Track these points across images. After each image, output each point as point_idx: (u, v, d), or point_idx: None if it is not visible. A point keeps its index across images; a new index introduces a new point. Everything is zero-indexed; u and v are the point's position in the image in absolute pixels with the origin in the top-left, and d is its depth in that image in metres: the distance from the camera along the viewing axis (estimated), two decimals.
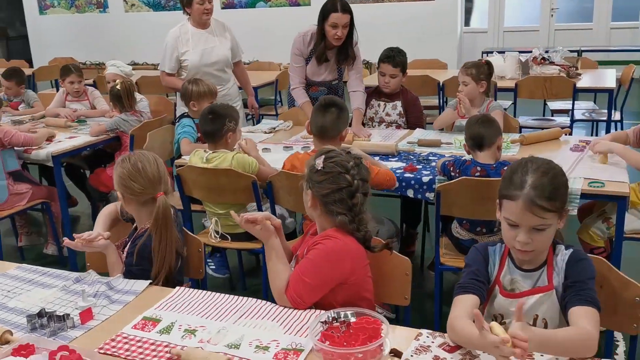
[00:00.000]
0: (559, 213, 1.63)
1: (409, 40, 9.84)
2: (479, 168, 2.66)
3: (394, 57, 3.78)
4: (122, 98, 4.06)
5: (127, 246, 2.12)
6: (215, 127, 3.02)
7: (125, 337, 1.66)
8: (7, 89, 4.96)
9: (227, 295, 1.87)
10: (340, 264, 1.79)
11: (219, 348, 1.59)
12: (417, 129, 3.76)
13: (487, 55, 6.29)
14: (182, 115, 3.70)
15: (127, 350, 1.60)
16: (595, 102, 5.85)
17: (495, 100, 4.95)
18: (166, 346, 1.60)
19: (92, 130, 4.03)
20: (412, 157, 3.17)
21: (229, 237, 3.03)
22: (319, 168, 1.85)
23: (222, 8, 10.93)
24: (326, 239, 1.82)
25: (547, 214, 1.58)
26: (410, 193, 2.89)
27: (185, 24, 4.16)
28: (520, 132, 3.69)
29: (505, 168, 2.52)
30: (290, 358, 1.53)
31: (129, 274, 2.04)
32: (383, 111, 3.87)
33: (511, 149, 3.21)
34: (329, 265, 1.79)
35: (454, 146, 3.30)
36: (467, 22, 10.18)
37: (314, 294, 1.78)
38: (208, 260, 3.66)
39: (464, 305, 1.63)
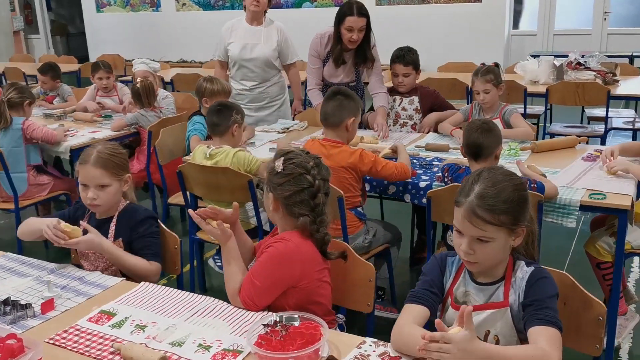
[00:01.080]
0: (507, 228, 1.54)
1: (454, 42, 9.71)
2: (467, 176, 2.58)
3: (403, 56, 3.73)
4: (141, 95, 4.15)
5: (113, 229, 2.15)
6: (222, 118, 3.06)
7: (77, 330, 1.69)
8: (43, 83, 5.17)
9: (187, 293, 1.88)
10: (290, 268, 1.77)
11: (163, 345, 1.60)
12: (430, 132, 3.69)
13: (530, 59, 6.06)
14: (195, 113, 3.75)
15: (75, 342, 1.63)
16: (636, 111, 5.59)
17: (526, 106, 4.87)
18: (113, 340, 1.62)
19: (113, 125, 4.15)
20: (415, 161, 3.11)
21: None
22: (279, 170, 1.84)
23: (270, 8, 11.01)
24: (279, 241, 1.81)
25: (487, 226, 1.52)
26: (407, 198, 2.85)
27: (241, 18, 4.29)
28: (543, 138, 3.58)
29: None
30: (227, 359, 1.53)
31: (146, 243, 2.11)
32: (399, 106, 3.82)
33: (521, 156, 3.10)
34: (278, 268, 1.77)
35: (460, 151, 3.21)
36: (515, 25, 9.91)
37: (265, 296, 1.77)
38: (215, 257, 3.70)
39: (411, 315, 1.60)
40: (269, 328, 1.56)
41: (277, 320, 1.57)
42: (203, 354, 1.55)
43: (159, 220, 2.20)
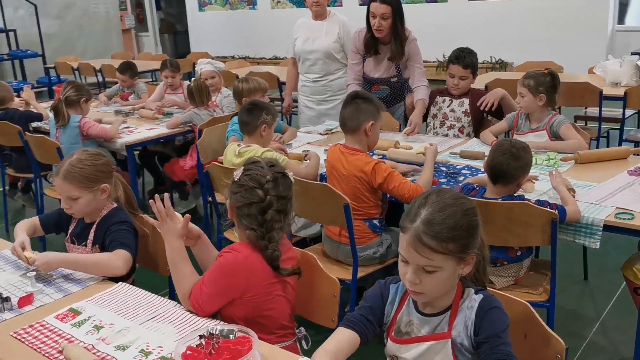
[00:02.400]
0: (456, 257, 1.42)
1: (550, 37, 9.18)
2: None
3: (463, 57, 3.56)
4: (194, 94, 4.27)
5: (92, 235, 2.21)
6: (252, 117, 3.09)
7: (42, 326, 1.76)
8: (122, 81, 5.47)
9: (155, 296, 1.91)
10: (235, 278, 1.75)
11: (109, 348, 1.63)
12: (474, 138, 3.51)
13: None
14: (236, 113, 3.80)
15: (35, 338, 1.70)
16: None
17: (601, 109, 4.50)
18: (67, 339, 1.68)
19: (168, 123, 4.30)
20: (443, 168, 2.97)
21: None
22: (236, 179, 1.82)
23: (360, 5, 10.98)
24: (229, 252, 1.79)
25: (434, 255, 1.40)
26: None
27: (309, 15, 4.45)
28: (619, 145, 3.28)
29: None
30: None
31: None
32: (448, 107, 3.67)
33: (561, 167, 2.87)
34: (224, 278, 1.76)
35: None
36: (621, 20, 9.20)
37: (211, 303, 1.76)
38: None
39: (339, 340, 1.52)
40: (204, 340, 1.54)
41: (212, 332, 1.56)
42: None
43: (134, 226, 2.22)
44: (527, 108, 3.21)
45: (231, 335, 1.56)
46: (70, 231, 2.27)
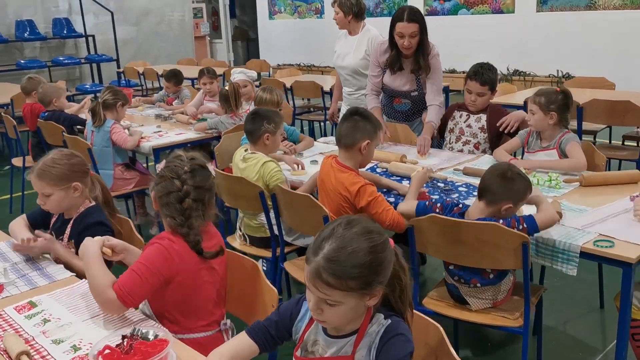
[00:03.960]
0: (359, 293, 1.38)
1: (622, 52, 8.74)
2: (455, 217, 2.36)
3: (482, 74, 3.48)
4: (229, 98, 4.38)
5: (68, 230, 2.33)
6: (254, 126, 3.15)
7: None
8: (167, 87, 5.72)
9: None
10: (163, 264, 1.82)
11: (46, 341, 1.72)
12: (486, 155, 3.42)
13: None
14: None
15: None
16: None
17: None
18: (15, 329, 1.79)
19: (196, 126, 4.46)
20: (440, 184, 2.91)
21: (247, 239, 3.16)
22: (158, 171, 1.89)
23: (425, 15, 10.86)
24: (154, 242, 1.87)
25: (333, 291, 1.36)
26: None
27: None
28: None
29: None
30: None
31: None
32: (465, 122, 3.60)
33: (562, 189, 2.75)
34: (152, 264, 1.81)
35: None
36: None
37: (139, 289, 1.79)
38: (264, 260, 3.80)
39: (237, 345, 1.56)
40: (126, 339, 1.60)
41: (134, 333, 1.61)
42: (67, 355, 1.64)
43: (110, 226, 2.32)
44: (537, 126, 3.10)
45: (150, 337, 1.61)
46: (51, 225, 2.42)
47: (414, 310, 1.56)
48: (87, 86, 10.46)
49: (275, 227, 2.97)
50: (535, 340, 2.73)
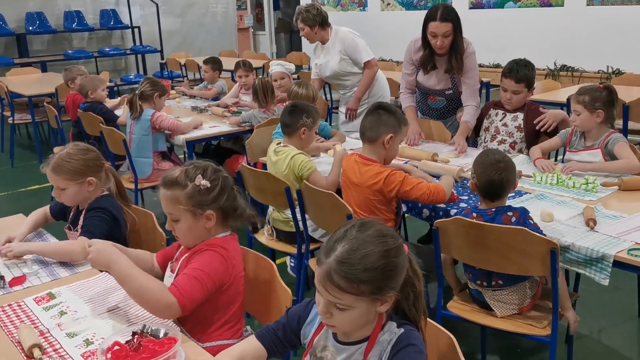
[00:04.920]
0: (371, 298, 1.34)
1: None
2: (474, 214, 2.28)
3: (517, 70, 3.36)
4: (258, 93, 4.37)
5: (81, 221, 2.34)
6: (292, 119, 3.14)
7: (19, 306, 1.90)
8: (205, 72, 5.75)
9: None
10: (225, 269, 1.82)
11: (60, 334, 1.73)
12: (522, 155, 3.31)
13: None
14: None
15: (7, 316, 1.84)
16: None
17: None
18: (32, 321, 1.81)
19: (230, 120, 4.46)
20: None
21: (274, 233, 3.15)
22: (208, 186, 1.84)
23: (470, 8, 10.66)
24: (210, 247, 1.84)
25: (344, 295, 1.32)
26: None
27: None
28: None
29: (510, 214, 2.15)
30: (91, 359, 1.61)
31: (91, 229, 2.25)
32: (500, 121, 3.48)
33: (598, 193, 2.63)
34: (215, 269, 1.80)
35: (533, 180, 2.84)
36: None
37: (202, 294, 1.75)
38: (291, 258, 3.79)
39: (245, 349, 1.53)
40: (137, 336, 1.60)
41: (144, 330, 1.61)
42: (79, 349, 1.65)
43: (113, 213, 2.33)
44: (583, 126, 2.97)
45: (160, 335, 1.60)
46: (69, 218, 2.44)
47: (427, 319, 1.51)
48: (131, 77, 10.64)
49: (301, 223, 2.94)
50: (566, 348, 2.63)
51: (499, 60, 10.38)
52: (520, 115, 3.44)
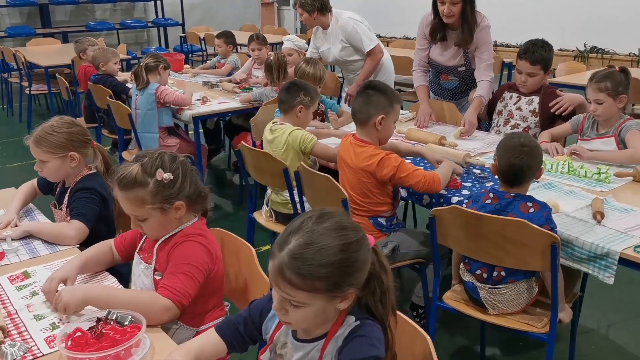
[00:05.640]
0: (327, 295, 1.24)
1: None
2: (491, 195, 2.16)
3: (533, 52, 3.19)
4: (272, 69, 4.25)
5: (66, 199, 2.28)
6: (289, 96, 3.05)
7: None
8: (218, 46, 5.65)
9: (105, 272, 1.92)
10: (210, 257, 1.75)
11: (28, 315, 1.67)
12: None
13: None
14: None
15: None
16: None
17: None
18: (2, 300, 1.75)
19: (241, 98, 4.36)
20: (475, 170, 2.70)
21: (272, 215, 3.07)
22: (171, 178, 1.73)
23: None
24: (190, 238, 1.75)
25: (296, 291, 1.22)
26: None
27: None
28: None
29: (529, 204, 2.03)
30: (52, 344, 1.54)
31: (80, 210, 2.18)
32: (515, 105, 3.33)
33: (611, 184, 2.49)
34: (201, 260, 1.72)
35: (544, 168, 2.69)
36: None
37: (195, 288, 1.69)
38: None
39: (204, 342, 1.45)
40: (101, 322, 1.53)
41: (108, 317, 1.54)
42: (44, 333, 1.59)
43: (101, 193, 2.24)
44: (605, 115, 2.79)
45: (126, 323, 1.53)
46: (55, 195, 2.38)
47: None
48: (151, 49, 10.57)
49: (298, 205, 2.84)
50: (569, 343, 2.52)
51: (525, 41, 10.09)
52: (536, 99, 3.28)
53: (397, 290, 1.38)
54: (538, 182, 2.52)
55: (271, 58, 4.28)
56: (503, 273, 2.12)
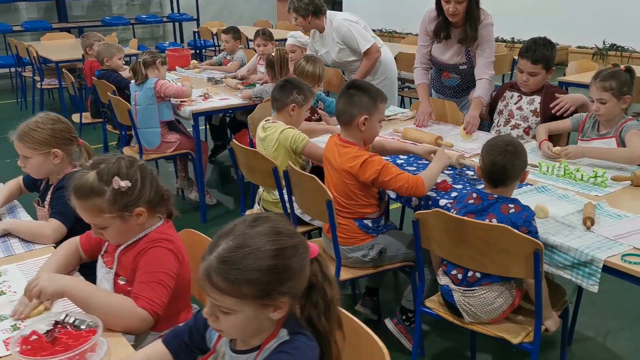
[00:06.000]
0: (258, 303, 1.18)
1: None
2: (474, 195, 2.09)
3: (534, 50, 3.09)
4: (274, 65, 4.20)
5: (49, 197, 2.26)
6: (283, 93, 3.00)
7: None
8: (225, 42, 5.60)
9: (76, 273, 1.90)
10: (179, 262, 1.72)
11: None
12: (534, 141, 3.06)
13: None
14: None
15: None
16: None
17: None
18: None
19: (242, 94, 4.32)
20: (468, 172, 2.63)
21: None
22: (129, 185, 1.68)
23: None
24: (157, 243, 1.70)
25: (224, 297, 1.18)
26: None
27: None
28: None
29: (511, 205, 1.97)
30: (9, 346, 1.51)
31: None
32: (515, 104, 3.24)
33: (607, 188, 2.40)
34: (172, 266, 1.69)
35: (539, 170, 2.61)
36: None
37: (168, 296, 1.66)
38: None
39: (149, 354, 1.42)
40: (59, 326, 1.50)
41: (65, 320, 1.50)
42: (3, 334, 1.56)
43: None
44: (608, 115, 2.70)
45: (82, 326, 1.50)
46: (40, 191, 2.37)
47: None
48: (165, 44, 10.59)
49: (288, 205, 2.79)
50: (568, 351, 2.44)
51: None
52: (537, 99, 3.18)
53: (392, 293, 1.32)
54: (531, 185, 2.45)
55: (273, 54, 4.23)
56: (478, 275, 2.06)
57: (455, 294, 2.12)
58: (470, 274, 2.06)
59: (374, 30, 12.71)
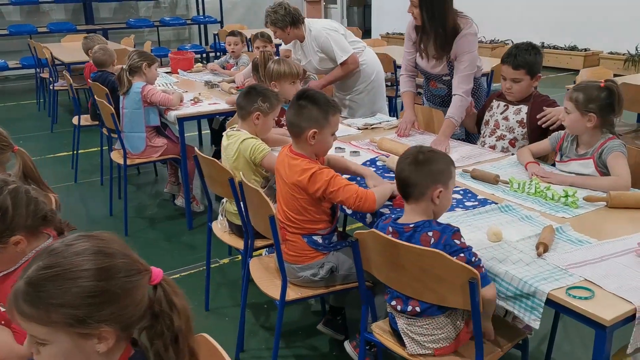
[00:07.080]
0: (74, 332, 1.06)
1: None
2: (390, 229, 1.91)
3: (515, 55, 2.89)
4: (259, 69, 4.08)
5: None
6: (247, 102, 2.89)
7: None
8: (228, 44, 5.49)
9: None
10: None
11: None
12: (513, 155, 2.86)
13: None
14: None
15: None
16: None
17: None
18: None
19: (228, 99, 4.21)
20: None
21: (227, 226, 2.91)
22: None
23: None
24: None
25: (31, 325, 1.06)
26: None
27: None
28: None
29: (430, 234, 1.80)
30: None
31: None
32: (501, 114, 3.03)
33: (580, 209, 2.19)
34: None
35: (510, 187, 2.42)
36: None
37: None
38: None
39: None
40: None
41: None
42: None
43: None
44: (571, 128, 2.51)
45: None
46: None
47: None
48: (186, 47, 10.61)
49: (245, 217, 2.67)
50: None
51: (575, 42, 9.58)
52: (524, 108, 2.98)
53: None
54: (496, 203, 2.26)
55: (256, 57, 4.12)
56: (418, 309, 1.88)
57: (399, 321, 1.95)
58: (409, 308, 1.89)
59: (401, 34, 12.56)
